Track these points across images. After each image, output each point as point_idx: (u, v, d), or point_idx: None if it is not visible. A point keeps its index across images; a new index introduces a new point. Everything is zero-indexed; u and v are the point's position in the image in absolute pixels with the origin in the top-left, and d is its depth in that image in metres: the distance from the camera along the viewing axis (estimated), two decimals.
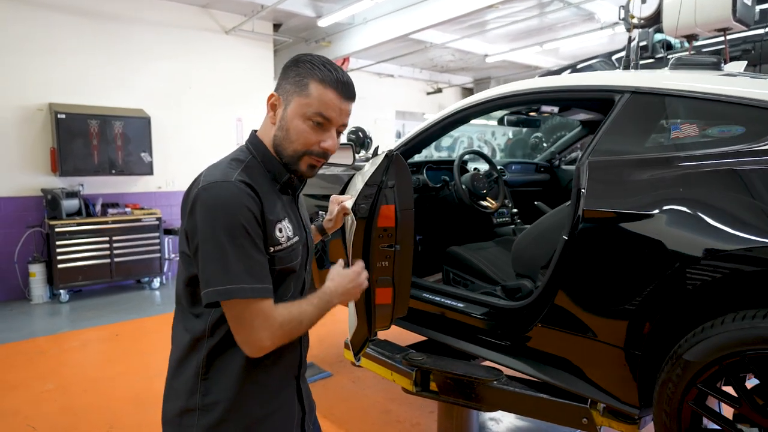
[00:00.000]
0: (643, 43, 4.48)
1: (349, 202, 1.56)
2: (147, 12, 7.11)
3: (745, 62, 2.24)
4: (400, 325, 2.67)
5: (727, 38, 3.44)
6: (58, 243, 6.03)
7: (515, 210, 3.65)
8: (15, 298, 6.29)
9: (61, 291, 6.15)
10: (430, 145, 2.94)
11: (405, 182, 1.57)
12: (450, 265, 3.05)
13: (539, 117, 3.58)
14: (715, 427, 1.60)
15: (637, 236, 1.66)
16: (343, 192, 2.87)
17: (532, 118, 3.48)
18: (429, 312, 2.59)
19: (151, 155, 6.81)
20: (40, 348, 4.64)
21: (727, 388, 1.57)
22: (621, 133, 1.89)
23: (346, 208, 1.56)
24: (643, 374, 1.72)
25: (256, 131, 1.35)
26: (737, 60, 2.90)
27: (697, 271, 1.54)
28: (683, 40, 3.81)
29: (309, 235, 1.43)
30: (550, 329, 1.98)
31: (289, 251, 1.26)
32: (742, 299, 1.58)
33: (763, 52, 4.25)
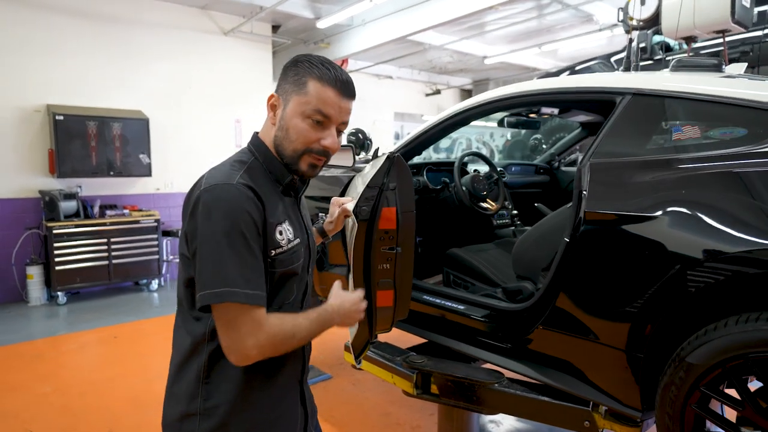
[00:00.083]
0: (642, 45, 4.48)
1: (350, 204, 1.55)
2: (146, 13, 7.10)
3: (746, 64, 2.24)
4: (400, 328, 2.66)
5: (726, 40, 3.44)
6: (55, 245, 6.01)
7: (515, 212, 3.65)
8: (12, 300, 6.27)
9: (59, 293, 6.13)
10: (430, 146, 2.93)
11: (406, 184, 1.56)
12: (450, 267, 3.04)
13: (539, 119, 3.57)
14: (718, 430, 1.60)
15: (640, 238, 1.66)
16: (342, 194, 2.86)
17: (532, 119, 3.48)
18: (429, 314, 2.58)
19: (149, 157, 6.81)
20: (38, 350, 4.62)
21: (730, 390, 1.57)
22: (622, 135, 1.89)
23: (348, 211, 1.55)
24: (645, 377, 1.71)
25: (258, 133, 1.34)
26: (736, 62, 2.91)
27: (699, 274, 1.54)
28: (682, 41, 3.82)
29: (311, 238, 1.42)
30: (552, 331, 1.97)
31: (290, 254, 1.25)
32: (744, 302, 1.58)
33: (762, 54, 4.25)
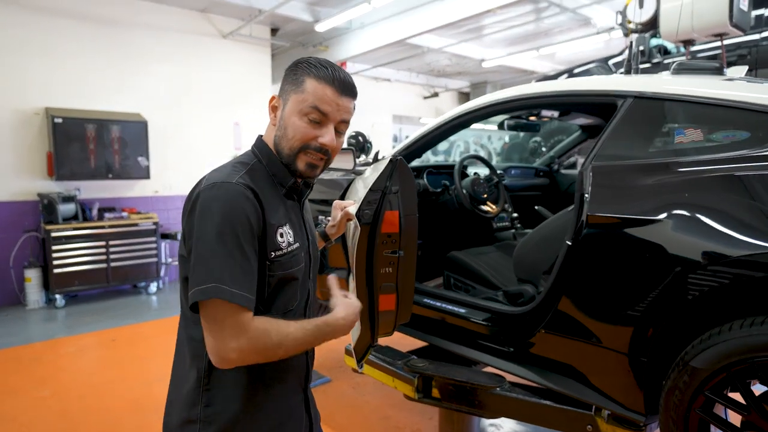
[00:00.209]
0: (640, 48, 4.49)
1: (352, 207, 1.54)
2: (145, 16, 7.10)
3: (747, 67, 2.24)
4: (401, 331, 2.65)
5: (724, 43, 3.45)
6: (54, 248, 6.00)
7: (515, 214, 3.65)
8: (10, 303, 6.24)
9: (57, 296, 6.11)
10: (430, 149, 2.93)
11: (408, 188, 1.56)
12: (451, 270, 3.03)
13: (539, 122, 3.57)
14: None
15: (643, 242, 1.65)
16: (343, 197, 2.85)
17: (532, 122, 3.48)
18: (430, 317, 2.57)
19: (148, 159, 6.80)
20: (36, 353, 4.60)
21: (734, 395, 1.56)
22: (624, 138, 1.88)
23: (350, 214, 1.54)
24: (648, 381, 1.70)
25: (262, 136, 1.34)
26: (733, 65, 2.91)
27: (703, 277, 1.53)
28: (680, 45, 3.83)
29: (312, 243, 1.41)
30: (554, 335, 1.96)
31: (289, 257, 1.25)
32: (749, 305, 1.57)
33: (759, 57, 4.27)
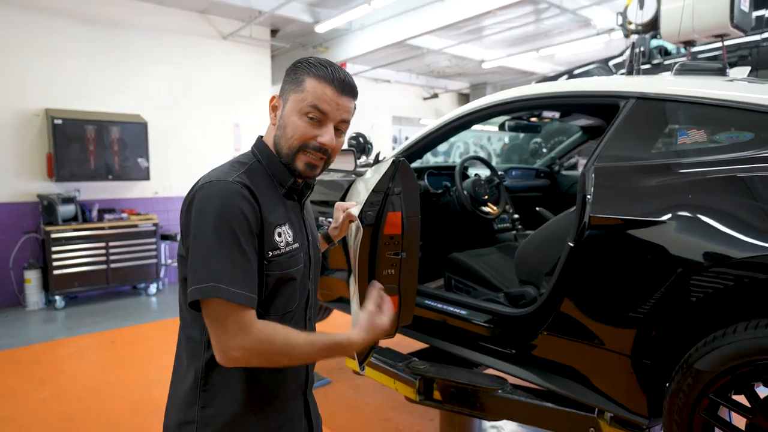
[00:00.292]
0: (641, 49, 4.49)
1: (355, 209, 1.53)
2: (145, 17, 7.09)
3: (749, 67, 2.24)
4: (402, 333, 2.63)
5: (724, 44, 3.45)
6: (53, 249, 5.99)
7: (516, 216, 3.64)
8: (10, 304, 6.23)
9: (57, 297, 6.10)
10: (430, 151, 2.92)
11: (411, 189, 1.55)
12: (452, 272, 3.03)
13: (540, 122, 3.57)
14: None
15: (646, 243, 1.65)
16: (343, 198, 2.84)
17: (533, 123, 3.47)
18: (431, 319, 2.56)
19: (147, 160, 6.79)
20: (36, 355, 4.59)
21: (738, 397, 1.55)
22: (627, 139, 1.88)
23: (352, 216, 1.53)
24: (652, 383, 1.70)
25: (262, 137, 1.33)
26: (734, 66, 2.91)
27: (706, 279, 1.52)
28: (680, 45, 3.82)
29: (313, 244, 1.40)
30: (556, 337, 1.95)
31: (287, 257, 1.23)
32: (753, 307, 1.57)
33: (760, 58, 4.27)
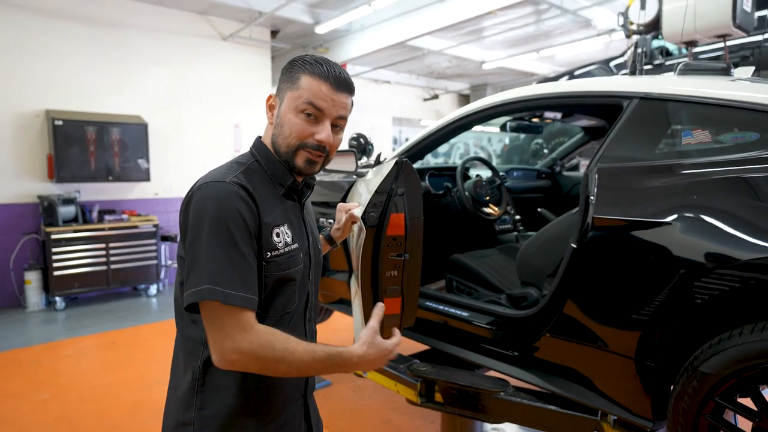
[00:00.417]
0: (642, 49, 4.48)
1: (357, 210, 1.52)
2: (145, 18, 7.09)
3: (754, 67, 2.22)
4: (403, 334, 2.63)
5: (726, 44, 3.44)
6: (54, 250, 5.98)
7: (518, 217, 3.62)
8: (10, 305, 6.22)
9: (57, 298, 6.08)
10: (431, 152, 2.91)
11: (414, 190, 1.54)
12: (453, 273, 3.01)
13: (542, 123, 3.55)
14: None
15: (650, 244, 1.63)
16: (344, 199, 2.83)
17: (534, 124, 3.46)
18: (433, 321, 2.55)
19: (148, 162, 6.78)
20: (36, 356, 4.58)
21: (744, 400, 1.54)
22: (630, 139, 1.87)
23: (355, 217, 1.52)
24: (656, 386, 1.68)
25: (261, 137, 1.33)
26: (736, 66, 2.90)
27: (712, 281, 1.51)
28: (682, 46, 3.81)
29: (314, 244, 1.39)
30: (559, 339, 1.94)
31: (286, 257, 1.22)
32: (760, 309, 1.55)
33: (762, 58, 4.25)
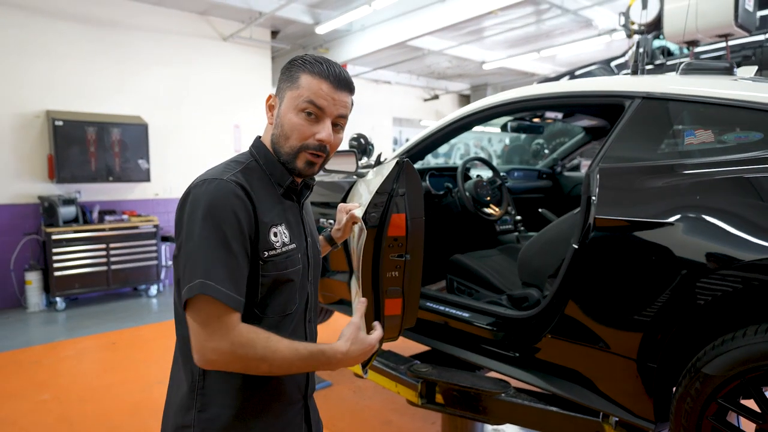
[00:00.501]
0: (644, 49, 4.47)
1: (358, 210, 1.51)
2: (145, 19, 7.08)
3: (756, 67, 2.21)
4: (404, 335, 2.62)
5: (728, 44, 3.43)
6: (54, 250, 5.98)
7: (518, 217, 3.61)
8: (11, 306, 6.22)
9: (58, 299, 6.09)
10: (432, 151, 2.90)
11: (415, 190, 1.52)
12: (454, 274, 3.01)
13: (543, 123, 3.54)
14: None
15: (652, 245, 1.62)
16: (344, 200, 2.82)
17: (535, 124, 3.45)
18: (433, 321, 2.54)
19: (148, 162, 6.78)
20: (36, 357, 4.57)
21: (747, 402, 1.53)
22: (632, 139, 1.86)
23: (356, 217, 1.51)
24: (658, 387, 1.67)
25: (260, 137, 1.32)
26: (738, 66, 2.89)
27: (714, 281, 1.50)
28: (684, 45, 3.80)
29: (313, 245, 1.38)
30: (560, 340, 1.93)
31: (283, 257, 1.21)
32: (763, 310, 1.54)
33: (764, 58, 4.24)
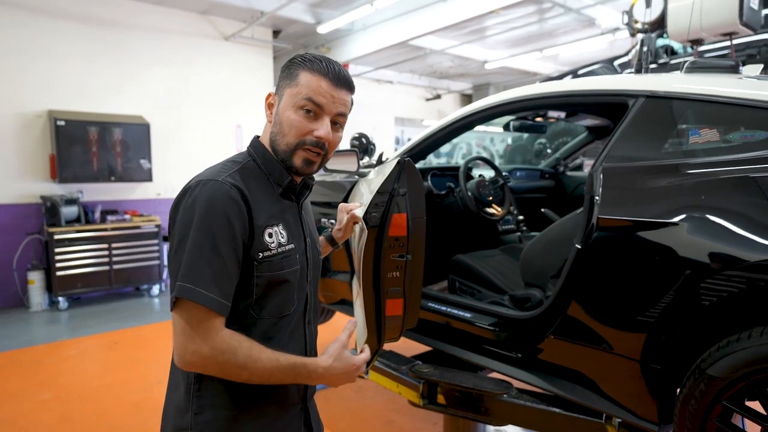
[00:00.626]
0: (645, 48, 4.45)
1: (359, 210, 1.50)
2: (146, 18, 7.08)
3: (762, 65, 2.19)
4: (405, 336, 2.61)
5: (733, 43, 3.41)
6: (56, 250, 5.98)
7: (521, 217, 3.60)
8: (13, 305, 6.23)
9: (60, 298, 6.09)
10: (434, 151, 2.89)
11: (417, 190, 1.52)
12: (456, 274, 2.99)
13: (545, 123, 3.53)
14: None
15: (656, 245, 1.61)
16: (346, 200, 2.81)
17: (538, 123, 3.43)
18: (435, 322, 2.53)
19: (150, 162, 6.78)
20: (38, 356, 4.57)
21: (752, 404, 1.51)
22: (636, 138, 1.84)
23: (357, 217, 1.50)
24: (662, 389, 1.66)
25: (259, 136, 1.31)
26: (742, 65, 2.87)
27: (719, 282, 1.48)
28: (688, 44, 3.78)
29: (312, 245, 1.36)
30: (563, 341, 1.92)
31: (279, 258, 1.20)
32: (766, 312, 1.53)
33: None
